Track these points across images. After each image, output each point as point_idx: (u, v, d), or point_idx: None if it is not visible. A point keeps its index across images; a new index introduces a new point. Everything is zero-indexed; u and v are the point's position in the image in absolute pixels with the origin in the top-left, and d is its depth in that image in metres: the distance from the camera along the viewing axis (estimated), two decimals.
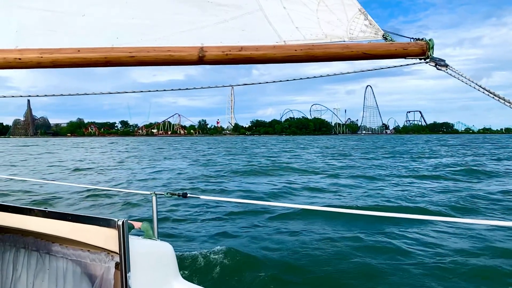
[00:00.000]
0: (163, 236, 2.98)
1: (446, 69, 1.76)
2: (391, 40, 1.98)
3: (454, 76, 1.74)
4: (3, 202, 2.78)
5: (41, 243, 2.58)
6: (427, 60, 1.84)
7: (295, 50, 1.86)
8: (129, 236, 2.27)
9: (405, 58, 1.87)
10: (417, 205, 12.48)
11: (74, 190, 14.22)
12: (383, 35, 2.02)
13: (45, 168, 27.72)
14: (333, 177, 20.70)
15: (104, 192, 13.76)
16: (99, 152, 50.87)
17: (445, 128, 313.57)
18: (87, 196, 13.42)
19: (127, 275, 2.24)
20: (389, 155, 41.53)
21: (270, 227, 9.41)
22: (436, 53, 1.84)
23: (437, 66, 1.78)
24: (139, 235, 2.75)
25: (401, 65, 1.91)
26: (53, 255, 2.52)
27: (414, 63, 1.87)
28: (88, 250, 2.39)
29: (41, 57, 1.96)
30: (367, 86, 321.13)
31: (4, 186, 15.41)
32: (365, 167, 26.45)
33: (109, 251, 2.30)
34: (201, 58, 1.87)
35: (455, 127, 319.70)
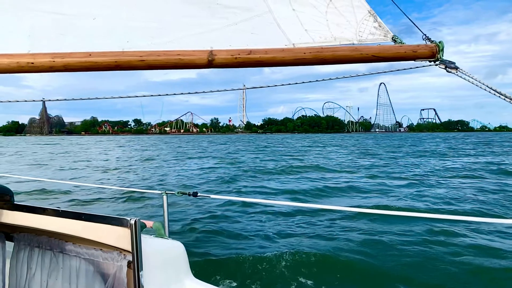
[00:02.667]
0: (173, 235, 3.00)
1: (456, 72, 1.74)
2: (401, 42, 1.96)
3: (465, 79, 1.72)
4: (18, 202, 2.83)
5: (54, 242, 2.61)
6: (437, 62, 1.81)
7: (304, 53, 1.85)
8: (141, 235, 2.29)
9: (415, 61, 1.85)
10: (483, 207, 11.86)
11: (86, 190, 14.32)
12: (392, 37, 2.00)
13: (80, 167, 27.52)
14: (373, 177, 19.91)
15: (116, 191, 13.84)
16: (121, 151, 50.66)
17: (460, 126, 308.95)
18: (100, 196, 13.51)
19: (140, 273, 2.26)
20: (416, 154, 40.24)
21: (283, 226, 9.33)
22: (451, 50, 1.83)
23: (447, 69, 1.75)
24: (151, 234, 2.77)
25: (411, 68, 1.88)
26: (66, 254, 2.55)
27: (423, 66, 1.85)
28: (101, 249, 2.41)
29: (53, 61, 1.98)
30: (381, 83, 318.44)
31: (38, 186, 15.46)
32: (399, 167, 25.67)
33: (121, 250, 2.32)
34: (210, 62, 1.87)
35: (471, 124, 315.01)
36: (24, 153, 46.15)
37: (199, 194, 3.42)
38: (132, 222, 2.23)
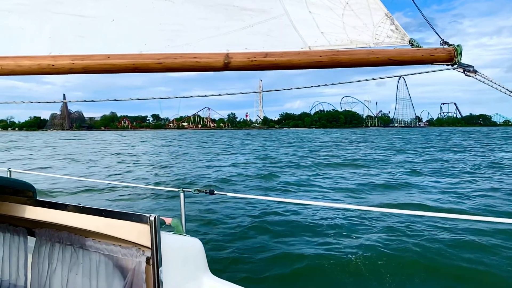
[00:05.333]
0: (190, 232, 3.03)
1: (475, 75, 1.71)
2: (418, 45, 1.93)
3: (484, 82, 1.68)
4: (41, 198, 2.90)
5: (75, 238, 2.65)
6: (455, 66, 1.78)
7: (320, 56, 1.84)
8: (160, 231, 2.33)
9: (432, 64, 1.82)
10: None
11: (105, 187, 14.49)
12: (409, 41, 1.97)
13: (112, 164, 27.09)
14: (416, 174, 18.88)
15: (134, 188, 13.90)
16: (148, 146, 50.27)
17: (482, 121, 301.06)
18: (119, 193, 13.63)
19: (159, 269, 2.29)
20: (450, 149, 38.38)
21: (304, 225, 9.13)
22: (472, 43, 1.79)
23: (465, 72, 1.72)
24: (169, 231, 2.81)
25: (428, 71, 1.86)
26: (86, 250, 2.59)
27: (441, 70, 1.82)
28: (120, 245, 2.45)
29: (73, 63, 2.02)
30: (400, 77, 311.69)
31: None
32: (441, 163, 24.50)
33: (140, 246, 2.36)
34: (226, 65, 1.88)
35: (493, 119, 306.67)
36: (54, 149, 46.42)
37: (215, 192, 3.45)
38: (152, 218, 2.26)
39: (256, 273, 6.32)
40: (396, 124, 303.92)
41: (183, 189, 3.29)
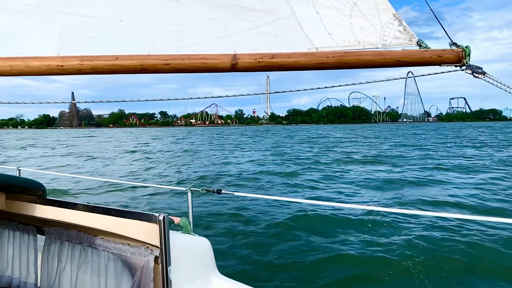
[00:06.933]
0: (197, 232, 3.04)
1: (484, 77, 1.69)
2: (426, 47, 1.91)
3: (493, 83, 1.67)
4: (51, 197, 2.93)
5: (84, 236, 2.68)
6: (463, 67, 1.77)
7: (327, 58, 1.83)
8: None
9: (440, 66, 1.81)
10: None
11: (113, 185, 14.51)
12: (417, 42, 1.95)
13: (128, 162, 26.89)
14: (443, 170, 18.52)
15: (142, 187, 13.92)
16: (161, 144, 50.18)
17: (492, 115, 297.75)
18: (127, 192, 13.68)
19: (168, 268, 2.31)
20: (466, 145, 37.84)
21: (315, 227, 8.87)
22: (482, 37, 1.77)
23: (474, 74, 1.71)
24: (177, 230, 2.82)
25: (436, 73, 1.84)
26: (95, 248, 2.61)
27: (449, 71, 1.81)
28: (128, 244, 2.46)
29: (82, 64, 2.02)
30: (408, 72, 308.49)
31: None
32: (466, 158, 24.24)
33: (148, 245, 2.37)
34: (233, 66, 1.88)
35: (503, 113, 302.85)
36: (68, 146, 46.51)
37: (223, 191, 3.45)
38: (161, 218, 2.27)
39: (264, 273, 6.31)
40: (405, 120, 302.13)
41: (191, 188, 3.29)
